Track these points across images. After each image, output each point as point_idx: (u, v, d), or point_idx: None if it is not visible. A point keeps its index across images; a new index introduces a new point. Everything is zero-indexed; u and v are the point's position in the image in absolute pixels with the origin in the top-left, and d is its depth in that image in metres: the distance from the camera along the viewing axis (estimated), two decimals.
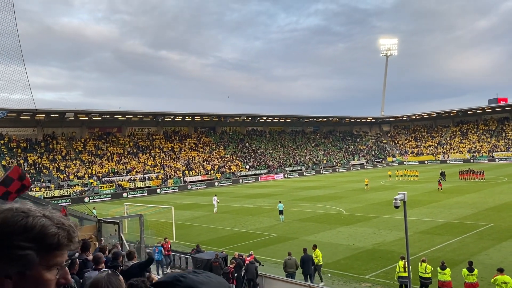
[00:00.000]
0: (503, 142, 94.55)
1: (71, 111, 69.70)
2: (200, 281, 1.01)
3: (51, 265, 1.14)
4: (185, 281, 1.00)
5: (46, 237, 1.12)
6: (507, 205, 33.79)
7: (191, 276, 1.03)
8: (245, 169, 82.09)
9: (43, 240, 1.12)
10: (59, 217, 1.19)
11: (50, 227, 1.14)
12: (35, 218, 1.13)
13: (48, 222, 1.15)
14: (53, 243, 1.14)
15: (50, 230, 1.14)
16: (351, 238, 25.87)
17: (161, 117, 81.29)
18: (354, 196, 44.72)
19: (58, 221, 1.18)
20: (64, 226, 1.17)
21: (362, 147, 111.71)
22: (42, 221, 1.14)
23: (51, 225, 1.15)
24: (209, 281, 1.02)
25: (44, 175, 62.23)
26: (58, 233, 1.15)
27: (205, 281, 1.02)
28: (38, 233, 1.12)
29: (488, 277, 16.70)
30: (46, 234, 1.12)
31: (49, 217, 1.17)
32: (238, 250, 22.21)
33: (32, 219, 1.13)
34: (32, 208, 1.18)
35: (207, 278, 1.03)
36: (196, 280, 1.01)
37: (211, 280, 1.03)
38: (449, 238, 24.01)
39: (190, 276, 1.02)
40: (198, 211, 41.48)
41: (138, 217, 20.29)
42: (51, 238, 1.13)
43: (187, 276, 1.02)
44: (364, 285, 17.65)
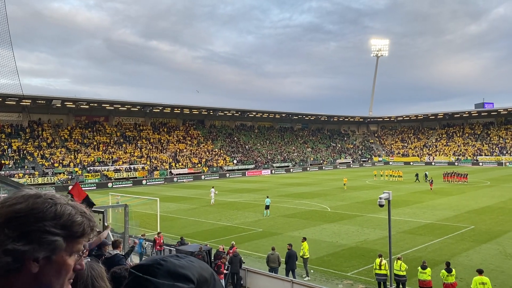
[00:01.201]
0: (488, 146, 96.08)
1: (58, 98, 68.79)
2: (181, 265, 1.00)
3: (73, 251, 1.17)
4: (166, 264, 0.99)
5: (73, 225, 1.16)
6: (489, 208, 34.40)
7: (172, 260, 1.02)
8: (233, 163, 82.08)
9: (70, 228, 1.16)
10: (81, 206, 1.23)
11: (76, 216, 1.18)
12: (63, 206, 1.17)
13: (74, 211, 1.19)
14: (79, 231, 1.18)
15: (76, 218, 1.18)
16: (335, 235, 26.09)
17: (149, 108, 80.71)
18: (339, 194, 45.07)
19: (81, 210, 1.22)
20: (86, 215, 1.22)
21: (349, 146, 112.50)
22: (69, 209, 1.18)
23: (77, 213, 1.19)
24: (190, 265, 1.01)
25: (28, 161, 61.42)
26: (83, 221, 1.19)
27: (186, 265, 1.01)
28: (67, 220, 1.16)
29: (467, 278, 17.04)
30: (73, 222, 1.17)
31: (73, 205, 1.20)
32: (222, 243, 22.24)
33: (60, 207, 1.16)
34: (57, 195, 1.21)
35: (189, 262, 1.02)
36: (177, 264, 1.00)
37: (193, 264, 1.02)
38: (431, 239, 24.38)
39: (171, 260, 1.01)
40: (183, 204, 41.40)
41: (123, 207, 20.18)
42: (78, 226, 1.17)
43: (168, 260, 1.01)
44: (346, 282, 17.85)
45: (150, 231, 27.42)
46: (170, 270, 0.98)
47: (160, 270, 0.97)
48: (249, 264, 18.78)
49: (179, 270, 0.98)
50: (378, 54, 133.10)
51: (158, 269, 0.97)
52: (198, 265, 1.03)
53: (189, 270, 0.99)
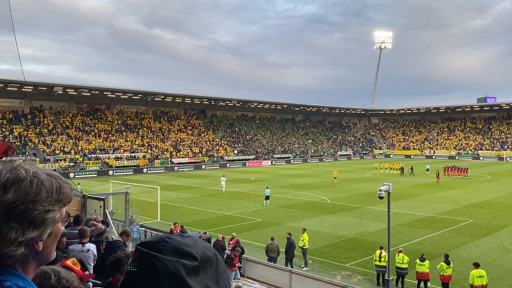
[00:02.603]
0: (489, 141, 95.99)
1: (60, 85, 68.70)
2: (185, 243, 1.02)
3: (62, 217, 1.21)
4: (171, 242, 1.01)
5: (63, 196, 1.19)
6: (488, 202, 34.48)
7: (177, 238, 1.04)
8: (233, 153, 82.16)
9: (62, 199, 1.19)
10: (56, 174, 1.24)
11: (62, 185, 1.20)
12: (46, 180, 1.17)
13: (56, 181, 1.20)
14: (68, 199, 1.21)
15: (63, 189, 1.20)
16: (334, 226, 26.21)
17: (151, 96, 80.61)
18: (339, 186, 45.16)
19: (60, 177, 1.23)
20: (62, 179, 1.23)
21: (350, 138, 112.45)
22: (52, 181, 1.19)
23: (59, 182, 1.20)
24: (194, 244, 1.04)
25: (30, 148, 61.56)
26: (66, 188, 1.22)
27: (190, 244, 1.03)
28: (57, 194, 1.18)
29: (465, 271, 17.15)
30: (63, 194, 1.19)
31: (50, 174, 1.21)
32: (222, 232, 22.35)
33: (47, 182, 1.17)
34: (31, 167, 1.21)
35: (193, 241, 1.04)
36: (182, 242, 1.02)
37: (197, 243, 1.05)
38: (430, 232, 24.49)
39: (176, 238, 1.03)
40: (184, 193, 41.55)
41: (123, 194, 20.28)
42: (66, 195, 1.20)
43: (173, 238, 1.03)
44: (344, 273, 17.98)
45: (151, 219, 27.59)
46: (175, 247, 1.00)
47: (165, 247, 0.99)
48: (248, 254, 18.89)
49: (183, 247, 1.00)
50: (382, 46, 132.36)
51: (163, 246, 0.99)
52: (202, 245, 1.05)
53: (193, 248, 1.02)
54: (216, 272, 1.05)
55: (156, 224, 26.56)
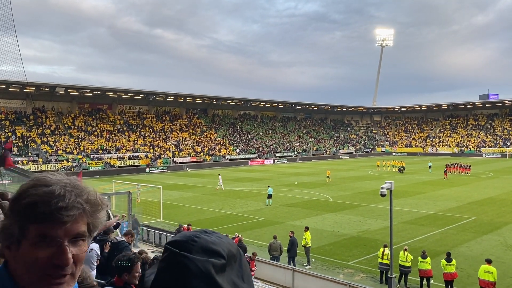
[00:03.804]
0: (491, 138, 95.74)
1: (62, 85, 68.84)
2: (212, 241, 1.03)
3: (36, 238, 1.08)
4: (199, 241, 1.01)
5: (23, 206, 1.09)
6: (491, 199, 34.42)
7: (204, 236, 1.04)
8: (235, 152, 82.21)
9: (20, 209, 1.09)
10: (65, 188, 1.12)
11: (34, 196, 1.08)
12: (33, 188, 1.10)
13: (38, 191, 1.09)
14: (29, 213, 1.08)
15: (30, 198, 1.08)
16: (336, 225, 26.22)
17: (152, 96, 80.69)
18: (341, 184, 45.14)
19: (51, 190, 1.11)
20: (53, 196, 1.09)
21: (353, 136, 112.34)
22: (31, 190, 1.09)
23: (38, 194, 1.09)
24: (220, 241, 1.04)
25: (32, 148, 61.72)
26: (38, 202, 1.08)
27: (217, 242, 1.04)
28: (20, 203, 1.09)
29: (468, 269, 17.15)
30: (23, 203, 1.08)
31: (52, 187, 1.11)
32: (225, 231, 22.41)
33: (28, 189, 1.10)
34: (52, 177, 1.14)
35: (218, 238, 1.05)
36: (209, 240, 1.03)
37: (222, 240, 1.06)
38: (432, 229, 24.47)
39: (203, 236, 1.03)
40: (186, 192, 41.60)
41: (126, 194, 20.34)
42: (29, 206, 1.08)
43: (201, 236, 1.03)
44: (347, 271, 17.99)
45: (154, 219, 27.66)
46: (203, 246, 1.00)
47: (194, 246, 0.99)
48: (251, 252, 18.92)
49: (211, 246, 1.01)
50: (383, 44, 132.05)
51: (192, 246, 0.99)
52: (226, 241, 1.06)
53: (220, 246, 1.02)
54: (240, 267, 1.06)
55: (158, 223, 26.62)
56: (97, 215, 1.17)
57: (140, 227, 22.75)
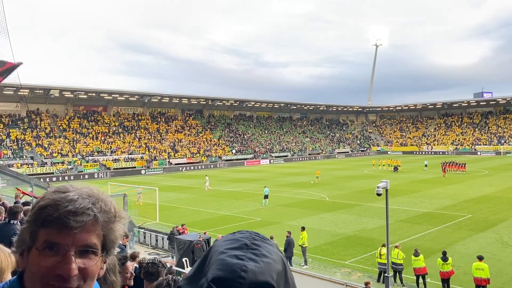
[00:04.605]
0: (486, 136, 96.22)
1: (56, 87, 68.48)
2: (261, 271, 0.86)
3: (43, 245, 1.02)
4: (248, 276, 0.84)
5: (35, 209, 1.05)
6: (486, 197, 34.58)
7: (252, 267, 0.86)
8: (231, 153, 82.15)
9: (32, 213, 1.05)
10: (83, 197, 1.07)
11: (46, 200, 1.04)
12: (50, 194, 1.06)
13: (52, 196, 1.05)
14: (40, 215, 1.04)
15: (42, 201, 1.05)
16: (333, 224, 26.25)
17: (147, 97, 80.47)
18: (337, 183, 45.21)
19: (65, 195, 1.06)
20: (64, 200, 1.04)
21: (348, 136, 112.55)
22: (49, 194, 1.06)
23: (51, 198, 1.04)
24: (268, 266, 0.88)
25: (27, 151, 61.40)
26: (48, 205, 1.03)
27: (265, 269, 0.87)
28: (34, 206, 1.06)
29: (464, 266, 17.21)
30: (35, 206, 1.05)
31: (68, 194, 1.06)
32: (222, 232, 22.39)
33: (44, 194, 1.07)
34: (73, 186, 1.10)
35: (266, 263, 0.88)
36: (257, 271, 0.85)
37: (269, 264, 0.89)
38: (428, 228, 24.54)
39: (251, 269, 0.85)
40: (183, 193, 41.51)
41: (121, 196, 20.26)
42: (39, 210, 1.04)
43: (249, 268, 0.85)
44: (344, 270, 18.00)
45: (150, 221, 27.58)
46: (252, 282, 0.83)
47: (243, 284, 0.83)
48: None
49: (260, 278, 0.85)
50: (378, 43, 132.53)
51: (240, 284, 0.83)
52: (273, 260, 0.90)
53: (268, 273, 0.86)
54: (286, 283, 0.92)
55: (155, 225, 26.54)
56: (112, 227, 1.08)
57: (136, 229, 22.68)
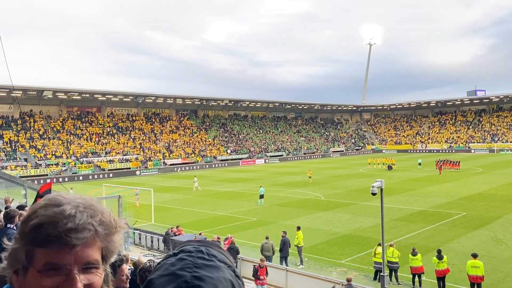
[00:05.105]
0: (479, 133, 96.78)
1: (50, 89, 68.08)
2: None
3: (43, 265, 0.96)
4: None
5: (29, 227, 0.97)
6: (480, 194, 34.77)
7: None
8: (226, 153, 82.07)
9: (27, 231, 0.98)
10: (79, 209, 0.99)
11: (40, 216, 0.97)
12: (42, 207, 0.99)
13: (47, 211, 0.97)
14: (35, 235, 0.96)
15: (36, 219, 0.97)
16: (329, 223, 26.28)
17: (141, 98, 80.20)
18: (333, 182, 45.28)
19: (61, 210, 0.98)
20: (62, 216, 0.97)
21: (343, 135, 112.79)
22: (43, 210, 0.98)
23: (47, 214, 0.97)
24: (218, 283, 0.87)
25: (21, 153, 60.99)
26: (45, 223, 0.96)
27: None
28: (26, 223, 0.98)
29: (459, 264, 17.28)
30: (31, 224, 0.97)
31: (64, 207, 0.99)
32: (217, 233, 22.34)
33: (37, 208, 0.99)
34: (65, 197, 1.02)
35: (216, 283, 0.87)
36: None
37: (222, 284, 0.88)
38: (424, 226, 24.64)
39: None
40: (178, 194, 41.40)
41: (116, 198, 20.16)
42: (35, 228, 0.96)
43: None
44: (340, 269, 18.02)
45: (145, 222, 27.48)
46: None
47: None
48: (244, 253, 18.88)
49: None
50: (371, 42, 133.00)
51: None
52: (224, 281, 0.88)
53: None
54: None
55: (150, 226, 26.45)
56: (112, 238, 1.04)
57: (131, 230, 22.58)
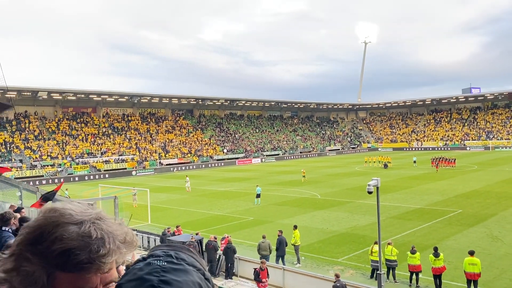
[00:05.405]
0: (475, 131, 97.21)
1: (44, 89, 67.79)
2: None
3: None
4: None
5: (56, 252, 0.90)
6: (476, 192, 34.93)
7: None
8: (223, 152, 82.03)
9: (52, 255, 0.90)
10: (98, 226, 0.96)
11: (66, 240, 0.91)
12: (58, 226, 0.93)
13: (70, 232, 0.92)
14: (64, 261, 0.91)
15: (63, 243, 0.91)
16: (325, 222, 26.32)
17: (137, 98, 79.98)
18: (329, 181, 45.35)
19: (86, 232, 0.93)
20: (90, 240, 0.92)
21: (339, 133, 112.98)
22: (63, 230, 0.92)
23: (71, 237, 0.91)
24: None
25: (16, 154, 60.70)
26: (74, 248, 0.91)
27: None
28: (49, 245, 0.91)
29: (456, 261, 17.36)
30: (57, 249, 0.90)
31: (82, 224, 0.95)
32: (214, 232, 22.31)
33: (53, 227, 0.92)
34: (77, 210, 0.98)
35: None
36: None
37: None
38: (420, 224, 24.72)
39: None
40: (174, 194, 41.33)
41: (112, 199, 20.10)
42: (62, 254, 0.90)
43: None
44: (337, 268, 18.05)
45: (141, 222, 27.41)
46: None
47: None
48: (241, 252, 18.88)
49: None
50: (367, 40, 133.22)
51: None
52: None
53: None
54: None
55: (146, 227, 26.39)
56: (126, 253, 1.01)
57: None
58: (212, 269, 17.52)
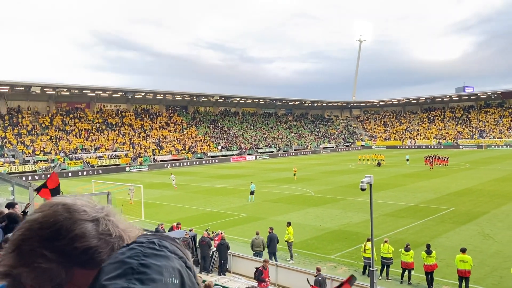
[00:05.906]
0: (468, 130, 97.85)
1: (38, 84, 67.29)
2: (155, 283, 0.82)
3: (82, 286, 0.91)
4: None
5: (78, 250, 0.92)
6: (468, 190, 35.19)
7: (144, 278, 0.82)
8: (217, 149, 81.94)
9: (74, 253, 0.91)
10: (113, 224, 0.98)
11: (88, 238, 0.93)
12: (76, 223, 0.93)
13: (89, 230, 0.94)
14: (87, 259, 0.92)
15: (85, 242, 0.93)
16: (318, 219, 26.41)
17: (131, 94, 79.61)
18: (323, 178, 45.48)
19: (105, 230, 0.96)
20: (110, 238, 0.96)
21: (333, 131, 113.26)
22: (82, 228, 0.94)
23: (91, 235, 0.94)
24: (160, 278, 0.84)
25: (8, 149, 60.26)
26: (96, 247, 0.93)
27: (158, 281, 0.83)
28: (69, 243, 0.91)
29: (447, 259, 17.50)
30: (79, 247, 0.92)
31: (99, 222, 0.96)
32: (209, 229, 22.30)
33: (70, 224, 0.93)
34: (89, 206, 0.99)
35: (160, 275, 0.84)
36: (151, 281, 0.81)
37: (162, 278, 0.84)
38: (412, 221, 24.88)
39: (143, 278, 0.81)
40: (168, 190, 41.25)
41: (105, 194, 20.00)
42: (85, 252, 0.92)
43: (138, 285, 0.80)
44: (329, 264, 18.14)
45: (135, 218, 27.34)
46: None
47: None
48: (234, 249, 18.91)
49: None
50: (361, 39, 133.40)
51: None
52: (162, 283, 0.84)
53: None
54: None
55: (140, 223, 26.33)
56: None
57: None
58: (205, 265, 17.54)
